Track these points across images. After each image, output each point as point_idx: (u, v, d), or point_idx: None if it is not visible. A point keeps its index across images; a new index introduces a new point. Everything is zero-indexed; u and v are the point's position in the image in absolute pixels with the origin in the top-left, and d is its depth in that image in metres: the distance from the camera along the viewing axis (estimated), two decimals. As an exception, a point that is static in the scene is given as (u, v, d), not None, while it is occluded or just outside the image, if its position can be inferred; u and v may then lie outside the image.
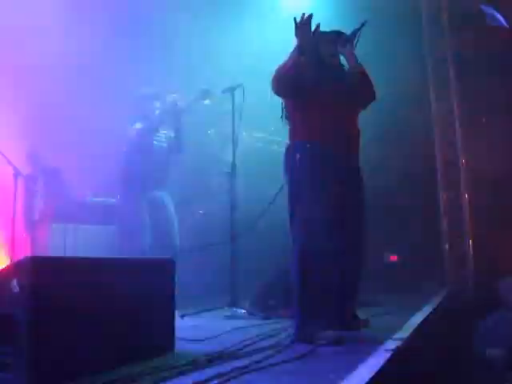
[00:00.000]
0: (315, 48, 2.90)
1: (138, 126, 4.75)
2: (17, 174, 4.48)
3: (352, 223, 2.86)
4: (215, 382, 1.79)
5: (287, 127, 3.00)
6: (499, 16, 6.07)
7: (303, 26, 2.66)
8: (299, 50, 2.72)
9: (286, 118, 2.99)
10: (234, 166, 4.29)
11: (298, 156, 2.80)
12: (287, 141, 2.98)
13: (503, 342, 4.06)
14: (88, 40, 5.18)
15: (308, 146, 2.79)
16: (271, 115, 3.24)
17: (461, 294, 5.57)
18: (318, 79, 2.87)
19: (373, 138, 3.70)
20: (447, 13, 5.93)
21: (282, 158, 2.94)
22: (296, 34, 2.69)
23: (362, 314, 3.13)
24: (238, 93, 4.31)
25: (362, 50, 2.98)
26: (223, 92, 4.39)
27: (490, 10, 6.06)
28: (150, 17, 5.83)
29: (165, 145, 4.85)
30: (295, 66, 2.73)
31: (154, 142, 4.80)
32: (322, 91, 2.86)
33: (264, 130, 5.75)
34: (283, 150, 2.96)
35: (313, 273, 2.67)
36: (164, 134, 4.86)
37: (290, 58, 2.76)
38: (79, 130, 5.62)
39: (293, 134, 2.93)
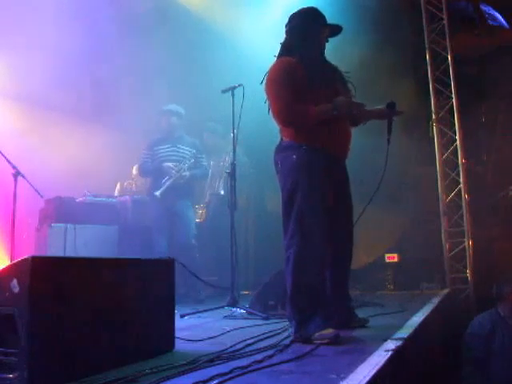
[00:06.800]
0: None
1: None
2: (17, 174, 4.47)
3: (346, 225, 2.91)
4: (215, 381, 1.79)
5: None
6: (499, 15, 6.08)
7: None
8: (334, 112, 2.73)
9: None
10: (233, 166, 4.28)
11: (294, 157, 2.74)
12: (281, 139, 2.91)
13: None
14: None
15: (304, 148, 2.74)
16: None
17: (461, 294, 5.57)
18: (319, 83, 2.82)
19: (371, 138, 3.70)
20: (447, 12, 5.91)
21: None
22: (344, 111, 2.74)
23: (361, 313, 3.13)
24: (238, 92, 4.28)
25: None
26: (223, 92, 4.33)
27: (490, 10, 6.06)
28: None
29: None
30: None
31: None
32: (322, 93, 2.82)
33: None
34: None
35: (308, 274, 2.65)
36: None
37: (321, 112, 2.75)
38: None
39: (290, 134, 2.83)
